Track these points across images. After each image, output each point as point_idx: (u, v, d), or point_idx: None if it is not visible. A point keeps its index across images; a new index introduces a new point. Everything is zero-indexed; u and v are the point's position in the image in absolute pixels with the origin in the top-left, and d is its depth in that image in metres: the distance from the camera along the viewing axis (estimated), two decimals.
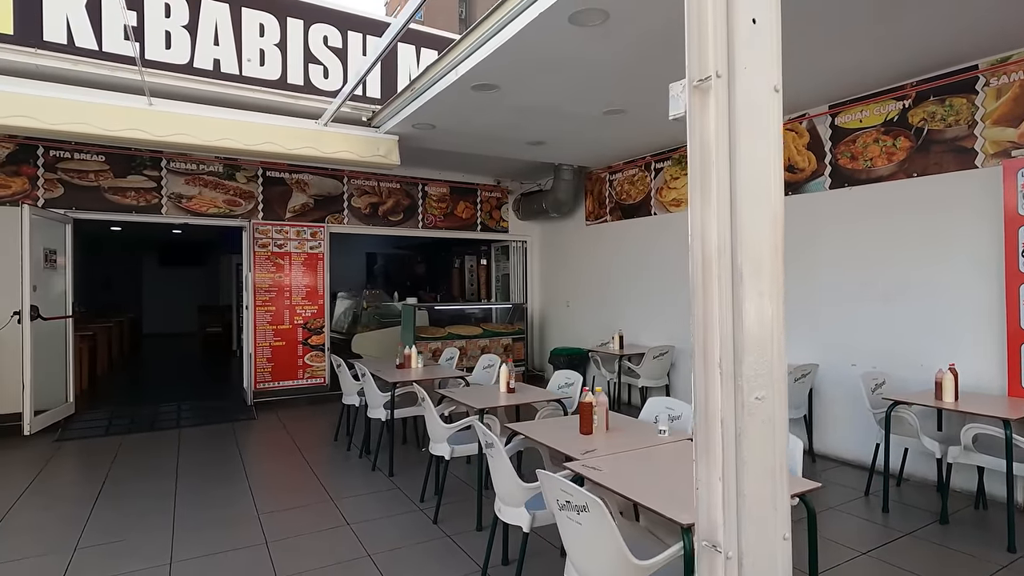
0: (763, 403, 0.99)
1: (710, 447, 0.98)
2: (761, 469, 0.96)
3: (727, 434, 0.96)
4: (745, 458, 0.95)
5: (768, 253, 1.05)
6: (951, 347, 4.20)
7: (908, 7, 3.31)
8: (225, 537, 3.54)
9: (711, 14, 1.03)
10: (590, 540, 1.96)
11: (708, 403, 1.01)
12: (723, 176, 1.04)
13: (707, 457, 0.98)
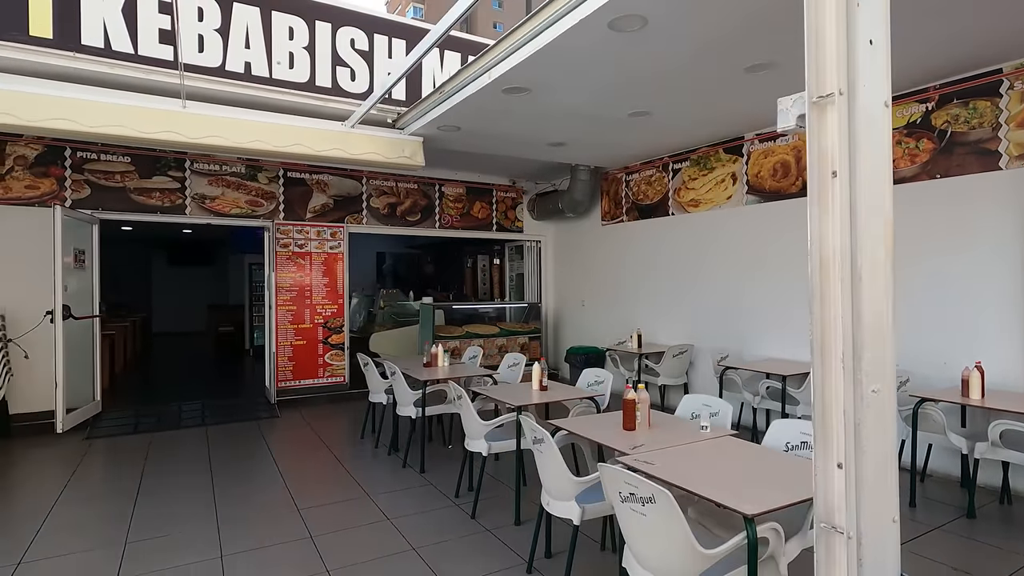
0: (878, 395, 1.07)
1: (828, 436, 1.06)
2: (876, 457, 1.04)
3: (848, 424, 1.04)
4: (863, 447, 1.03)
5: (882, 256, 1.13)
6: (973, 347, 4.28)
7: (932, 13, 3.39)
8: (270, 531, 3.63)
9: (832, 35, 1.11)
10: (655, 531, 2.04)
11: (827, 396, 1.10)
12: (844, 186, 1.12)
13: (826, 446, 1.07)
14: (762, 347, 5.97)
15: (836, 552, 1.05)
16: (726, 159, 6.45)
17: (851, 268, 1.10)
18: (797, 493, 2.06)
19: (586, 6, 3.31)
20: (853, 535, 1.03)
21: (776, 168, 5.88)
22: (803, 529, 2.27)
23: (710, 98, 4.96)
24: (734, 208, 6.34)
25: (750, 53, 3.95)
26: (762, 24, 3.49)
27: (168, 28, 4.93)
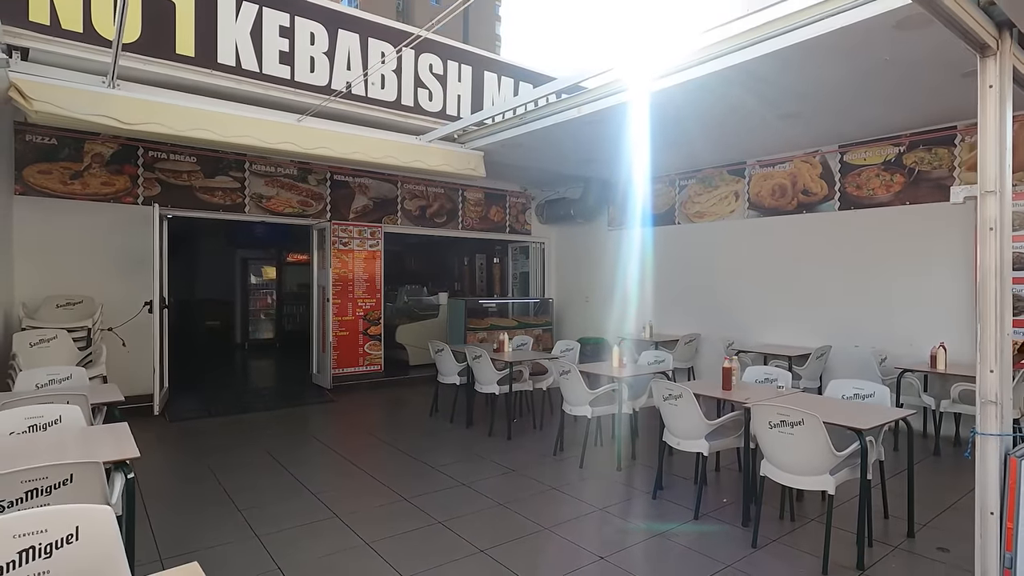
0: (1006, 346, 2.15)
1: (986, 356, 2.14)
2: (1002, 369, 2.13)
3: (1003, 346, 2.13)
4: (1004, 359, 2.11)
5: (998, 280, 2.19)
6: (934, 331, 5.71)
7: (909, 91, 4.71)
8: (429, 483, 4.45)
9: (994, 164, 2.19)
10: (800, 444, 3.13)
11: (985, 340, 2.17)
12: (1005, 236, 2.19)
13: (984, 360, 2.15)
14: (760, 336, 7.29)
15: (990, 415, 2.13)
16: (730, 179, 7.74)
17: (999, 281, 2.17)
18: (872, 420, 3.21)
19: (688, 72, 4.38)
20: (998, 401, 2.11)
21: (775, 189, 7.21)
22: (876, 445, 3.44)
23: (741, 133, 6.17)
24: (736, 221, 7.65)
25: (789, 106, 5.16)
26: (814, 89, 4.69)
27: (287, 50, 5.55)
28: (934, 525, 3.62)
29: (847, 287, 6.47)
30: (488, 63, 7.19)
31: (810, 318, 6.78)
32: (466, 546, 3.34)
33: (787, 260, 7.04)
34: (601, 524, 3.72)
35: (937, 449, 5.24)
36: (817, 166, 6.79)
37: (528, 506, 3.97)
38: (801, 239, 6.91)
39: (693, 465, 4.35)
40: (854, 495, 3.34)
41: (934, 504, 3.91)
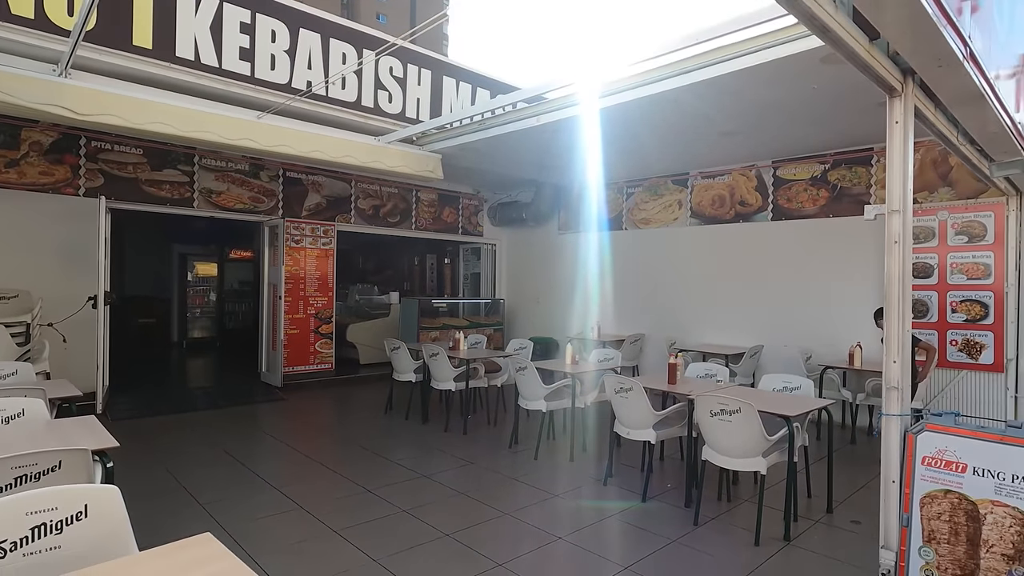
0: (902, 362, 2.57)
1: (891, 348, 2.54)
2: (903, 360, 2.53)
3: (904, 341, 2.52)
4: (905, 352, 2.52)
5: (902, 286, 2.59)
6: (852, 331, 6.31)
7: (834, 115, 5.26)
8: (383, 475, 4.58)
9: (899, 186, 2.58)
10: (737, 431, 3.49)
11: (892, 343, 2.56)
12: (907, 250, 2.58)
13: (890, 351, 2.54)
14: (700, 336, 7.79)
15: (893, 397, 2.51)
16: (674, 188, 8.22)
17: (902, 287, 2.57)
18: (798, 408, 3.62)
19: (640, 90, 4.72)
20: (899, 387, 2.50)
21: (715, 199, 7.73)
22: (801, 432, 3.86)
23: (685, 146, 6.61)
24: (679, 228, 8.13)
25: (729, 125, 5.62)
26: (752, 110, 5.14)
27: (247, 46, 5.54)
28: (849, 502, 4.09)
29: (778, 291, 7.03)
30: (447, 68, 7.36)
31: (745, 320, 7.32)
32: (432, 531, 3.52)
33: (725, 266, 7.57)
34: (557, 508, 3.98)
35: (853, 438, 5.82)
36: (753, 179, 7.35)
37: (488, 494, 4.18)
38: (738, 246, 7.45)
39: (640, 454, 4.68)
40: (782, 478, 3.74)
41: (849, 484, 4.40)
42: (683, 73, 4.52)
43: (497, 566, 3.10)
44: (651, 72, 4.69)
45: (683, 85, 4.56)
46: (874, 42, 2.46)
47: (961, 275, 5.09)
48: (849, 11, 2.26)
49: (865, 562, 3.06)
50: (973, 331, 5.05)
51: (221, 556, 1.34)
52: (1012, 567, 2.21)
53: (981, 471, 2.33)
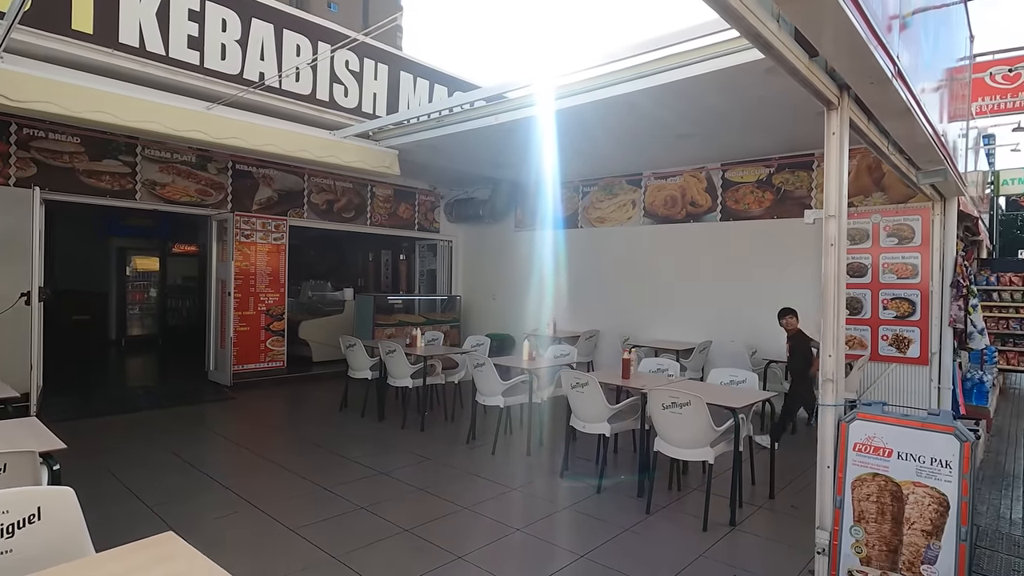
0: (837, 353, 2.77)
1: (827, 343, 2.73)
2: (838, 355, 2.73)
3: (839, 337, 2.71)
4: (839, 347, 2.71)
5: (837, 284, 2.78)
6: None
7: (778, 122, 5.54)
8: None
9: (835, 192, 2.77)
10: (687, 422, 3.65)
11: (827, 339, 2.75)
12: (842, 251, 2.77)
13: (826, 345, 2.73)
14: (652, 332, 8.03)
15: (828, 388, 2.71)
16: (628, 188, 8.44)
17: (837, 286, 2.76)
18: (744, 400, 3.82)
19: (597, 92, 4.84)
20: (834, 379, 2.70)
21: (667, 199, 7.98)
22: (746, 423, 4.07)
23: (639, 148, 6.79)
24: (633, 227, 8.36)
25: (681, 128, 5.82)
26: (703, 115, 5.35)
27: (196, 34, 5.36)
28: (789, 489, 4.34)
29: (726, 289, 7.33)
30: (405, 63, 7.31)
31: (695, 316, 7.60)
32: (391, 527, 3.53)
33: (676, 264, 7.83)
34: (515, 501, 4.06)
35: (794, 428, 6.14)
36: (703, 181, 7.63)
37: (446, 489, 4.22)
38: (689, 246, 7.72)
39: (595, 448, 4.81)
40: (728, 467, 3.93)
41: (789, 472, 4.66)
42: (639, 78, 4.67)
43: (456, 559, 3.15)
44: (608, 75, 4.81)
45: (638, 89, 4.71)
46: (813, 59, 2.63)
47: (892, 274, 5.46)
48: (791, 30, 2.41)
49: (803, 542, 3.26)
50: (902, 327, 5.43)
51: (185, 554, 1.34)
52: (930, 541, 2.43)
53: (905, 455, 2.54)
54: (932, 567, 2.41)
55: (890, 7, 2.69)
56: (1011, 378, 9.81)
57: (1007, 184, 14.57)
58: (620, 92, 4.81)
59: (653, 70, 4.55)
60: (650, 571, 3.09)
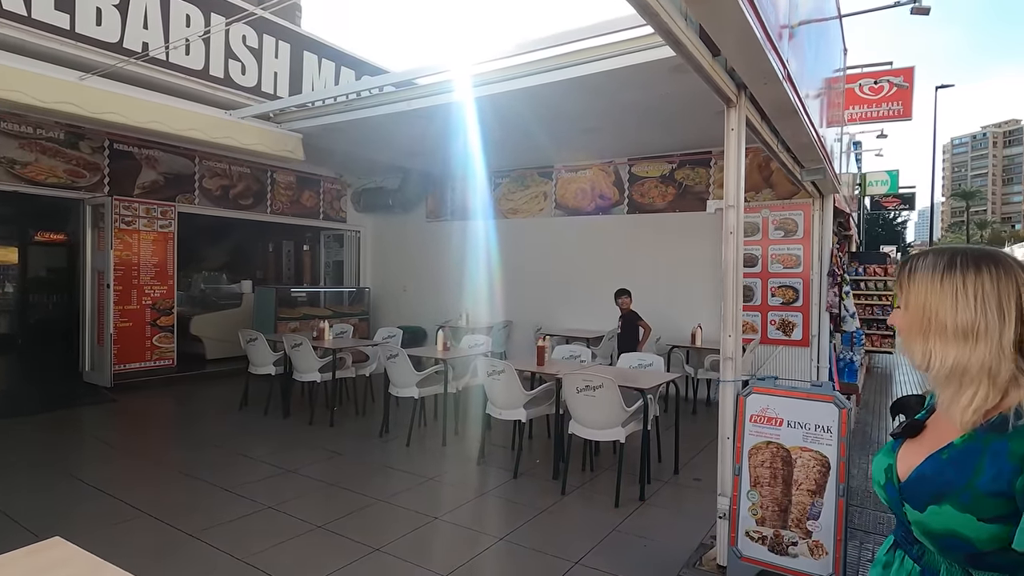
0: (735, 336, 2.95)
1: (727, 328, 2.92)
2: (736, 335, 2.94)
3: (737, 319, 2.90)
4: (737, 328, 2.92)
5: (736, 271, 2.99)
6: (694, 314, 7.09)
7: (681, 120, 5.88)
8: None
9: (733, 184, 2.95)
10: (600, 404, 3.79)
11: (728, 322, 2.94)
12: (740, 240, 2.97)
13: (726, 327, 2.92)
14: (563, 321, 8.24)
15: (728, 366, 2.91)
16: (540, 180, 8.58)
17: (736, 272, 2.97)
18: (652, 382, 4.04)
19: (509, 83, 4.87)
20: (733, 357, 2.90)
21: (577, 192, 8.21)
22: (654, 403, 4.29)
23: (550, 140, 6.91)
24: (545, 219, 8.52)
25: (590, 122, 6.00)
26: (613, 110, 5.53)
27: None
28: (692, 464, 4.63)
29: (633, 279, 7.65)
30: (308, 43, 6.95)
31: (604, 305, 7.85)
32: (302, 524, 3.37)
33: (587, 255, 8.08)
34: (432, 491, 4.02)
35: (695, 409, 6.57)
36: (611, 174, 7.92)
37: (359, 483, 4.09)
38: (597, 237, 7.99)
39: (511, 435, 4.87)
40: (637, 445, 4.13)
41: (692, 448, 4.97)
42: (552, 70, 4.74)
43: (374, 551, 3.07)
44: (521, 66, 4.85)
45: (551, 81, 4.79)
46: (716, 58, 2.80)
47: (779, 264, 5.96)
48: (697, 29, 2.55)
49: (705, 511, 3.49)
50: (787, 312, 5.95)
51: (78, 558, 1.19)
52: (814, 499, 2.69)
53: (793, 423, 2.79)
54: (816, 522, 2.67)
55: (781, 16, 2.92)
56: (875, 358, 11.09)
57: (872, 185, 16.45)
58: (533, 84, 4.87)
59: (566, 63, 4.64)
60: (567, 547, 3.18)
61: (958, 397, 0.93)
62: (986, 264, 0.93)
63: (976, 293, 0.92)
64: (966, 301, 0.92)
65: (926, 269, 0.97)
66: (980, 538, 0.88)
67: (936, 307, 0.94)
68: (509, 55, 4.70)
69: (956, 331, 0.92)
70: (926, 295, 0.96)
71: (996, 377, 0.90)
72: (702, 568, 3.01)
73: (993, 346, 0.90)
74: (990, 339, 0.90)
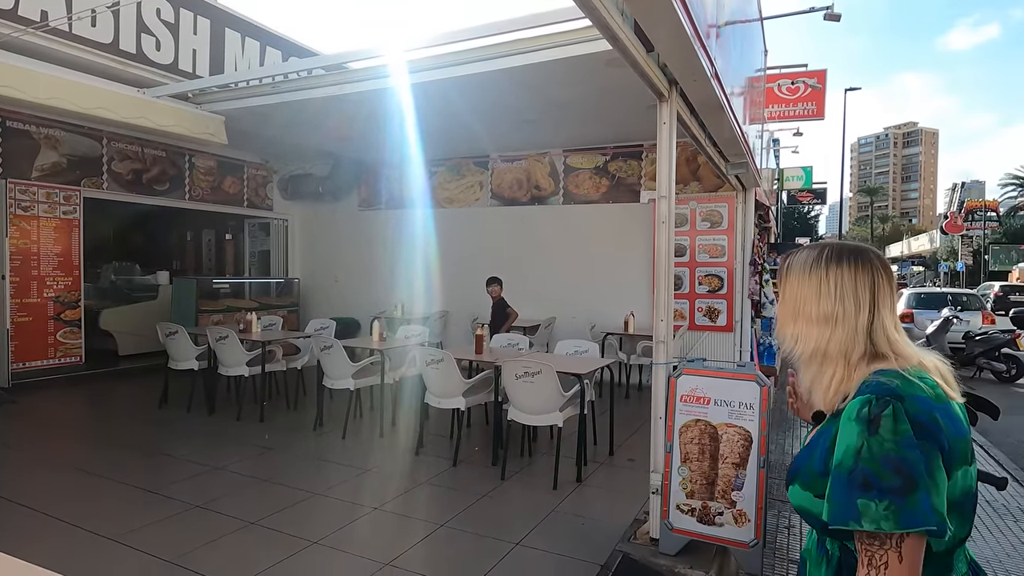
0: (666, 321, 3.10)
1: (659, 309, 3.05)
2: (667, 320, 3.07)
3: (668, 304, 3.04)
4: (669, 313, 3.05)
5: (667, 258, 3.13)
6: (627, 302, 7.32)
7: (615, 113, 6.06)
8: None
9: (665, 177, 3.07)
10: (539, 390, 3.86)
11: (658, 311, 3.07)
12: (672, 229, 3.10)
13: (658, 313, 3.04)
14: None
15: (660, 349, 3.05)
16: (476, 170, 8.57)
17: (667, 259, 3.11)
18: (588, 367, 4.16)
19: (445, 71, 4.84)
20: (665, 341, 3.05)
21: (513, 182, 8.26)
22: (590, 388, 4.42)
23: (485, 129, 6.90)
24: (481, 208, 8.52)
25: (527, 114, 6.05)
26: (549, 102, 5.60)
27: None
28: (626, 445, 4.82)
29: (568, 269, 7.83)
30: (230, 19, 6.58)
31: (540, 295, 7.99)
32: (233, 522, 3.24)
33: (523, 245, 8.16)
34: (370, 482, 3.97)
35: (628, 393, 6.81)
36: (547, 165, 8.02)
37: (294, 478, 3.98)
38: (533, 227, 8.08)
39: (450, 424, 4.88)
40: (574, 430, 4.24)
41: (626, 431, 5.16)
42: (486, 59, 4.74)
43: (311, 544, 3.01)
44: (458, 54, 4.82)
45: (488, 71, 4.79)
46: (650, 53, 2.91)
47: (705, 254, 6.28)
48: (632, 25, 2.64)
49: (639, 489, 3.65)
50: (713, 300, 6.28)
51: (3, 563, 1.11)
52: (738, 472, 2.88)
53: (719, 401, 2.97)
54: (740, 492, 2.86)
55: (709, 16, 3.06)
56: None
57: (789, 180, 17.54)
58: (468, 72, 4.85)
59: (501, 53, 4.65)
60: (507, 530, 3.24)
61: (820, 378, 1.03)
62: (847, 258, 1.04)
63: (836, 283, 1.02)
64: (828, 291, 1.02)
65: (798, 264, 1.08)
66: (821, 513, 0.94)
67: (804, 296, 1.05)
68: (444, 42, 4.66)
69: (819, 317, 1.02)
70: (797, 286, 1.06)
71: (849, 358, 1.00)
72: (636, 542, 3.15)
73: (849, 330, 1.00)
74: (847, 324, 1.00)
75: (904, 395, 0.90)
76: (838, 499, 0.89)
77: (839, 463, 0.91)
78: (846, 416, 0.93)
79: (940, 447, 0.88)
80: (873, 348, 0.99)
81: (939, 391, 0.94)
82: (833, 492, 0.90)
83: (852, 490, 0.87)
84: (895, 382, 0.92)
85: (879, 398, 0.90)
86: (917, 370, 0.96)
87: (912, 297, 12.09)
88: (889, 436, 0.87)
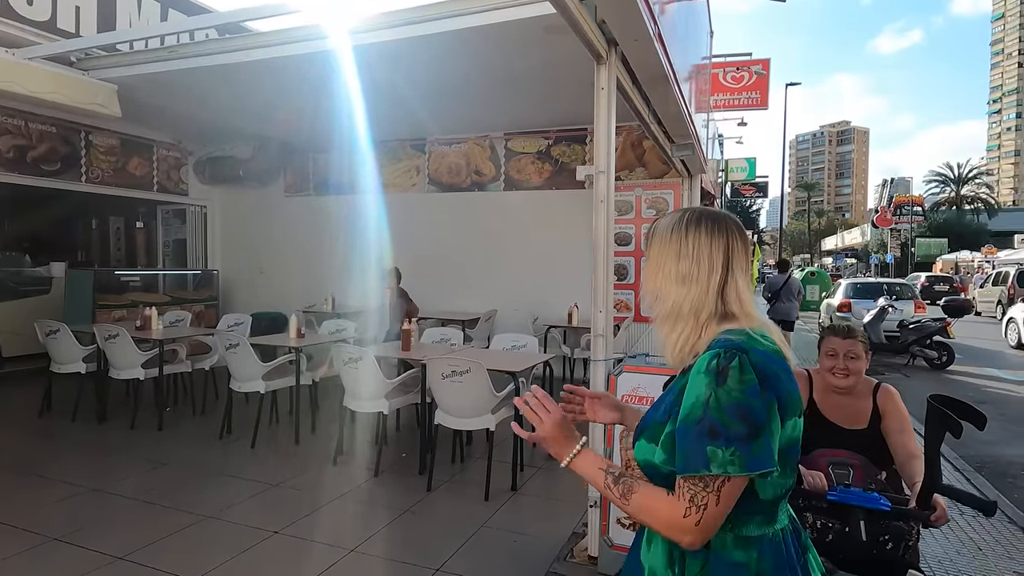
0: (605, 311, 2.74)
1: (598, 300, 2.69)
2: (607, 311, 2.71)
3: (608, 294, 2.68)
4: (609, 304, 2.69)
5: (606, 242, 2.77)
6: (571, 294, 6.97)
7: (556, 94, 5.69)
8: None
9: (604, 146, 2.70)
10: (468, 390, 3.45)
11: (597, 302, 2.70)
12: (611, 208, 2.73)
13: (597, 307, 2.69)
14: (437, 304, 7.81)
15: (599, 344, 2.69)
16: (412, 154, 8.04)
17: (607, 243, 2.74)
18: (523, 364, 3.79)
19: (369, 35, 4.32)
20: (604, 334, 2.69)
21: (451, 167, 7.78)
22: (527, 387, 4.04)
23: (421, 109, 6.38)
24: (418, 195, 8.01)
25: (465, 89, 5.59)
26: (487, 75, 5.15)
27: None
28: None
29: (510, 258, 7.43)
30: None
31: (480, 286, 7.58)
32: (95, 558, 2.68)
33: (463, 234, 7.70)
34: (276, 500, 3.46)
35: None
36: (487, 149, 7.58)
37: (184, 498, 3.42)
38: (473, 215, 7.63)
39: (375, 428, 4.40)
40: (510, 433, 3.86)
41: None
42: (418, 22, 4.25)
43: None
44: (387, 15, 4.30)
45: (419, 35, 4.29)
46: (584, 3, 2.52)
47: None
48: None
49: (579, 496, 3.31)
50: None
51: None
52: None
53: None
54: None
55: None
56: None
57: (733, 172, 17.72)
58: (402, 36, 4.33)
59: (434, 15, 4.17)
60: (429, 552, 2.83)
61: (671, 335, 1.07)
62: (705, 222, 1.08)
63: (693, 245, 1.06)
64: (686, 252, 1.06)
65: (663, 227, 1.11)
66: (658, 461, 0.99)
67: (664, 257, 1.09)
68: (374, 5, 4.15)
69: (678, 276, 1.06)
70: (660, 247, 1.10)
71: (699, 316, 1.04)
72: (573, 560, 2.80)
73: (702, 290, 1.04)
74: (700, 283, 1.04)
75: (748, 348, 0.96)
76: (688, 448, 0.93)
77: (687, 414, 0.95)
78: (696, 370, 0.97)
79: (778, 396, 0.95)
80: (724, 308, 1.04)
81: (777, 348, 1.01)
82: (682, 442, 0.94)
83: (701, 438, 0.91)
84: (740, 338, 0.98)
85: (727, 351, 0.95)
86: (759, 329, 1.02)
87: (849, 287, 12.37)
88: (736, 386, 0.92)
